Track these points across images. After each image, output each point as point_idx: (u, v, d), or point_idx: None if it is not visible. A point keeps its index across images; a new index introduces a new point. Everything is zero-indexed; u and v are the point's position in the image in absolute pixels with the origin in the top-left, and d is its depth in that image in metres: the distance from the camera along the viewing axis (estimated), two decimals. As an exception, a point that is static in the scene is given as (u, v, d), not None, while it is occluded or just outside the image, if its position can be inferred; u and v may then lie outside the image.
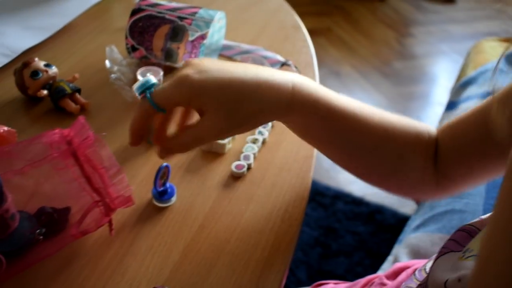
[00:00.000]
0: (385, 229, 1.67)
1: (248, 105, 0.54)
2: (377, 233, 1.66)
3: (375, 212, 1.72)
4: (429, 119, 2.11)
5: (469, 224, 0.56)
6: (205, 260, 0.58)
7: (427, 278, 0.55)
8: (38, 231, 0.55)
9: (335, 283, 0.84)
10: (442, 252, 0.55)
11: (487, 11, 2.97)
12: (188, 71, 0.53)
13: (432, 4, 3.02)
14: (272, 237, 0.61)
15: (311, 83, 0.58)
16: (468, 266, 0.49)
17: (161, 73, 0.68)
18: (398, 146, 0.61)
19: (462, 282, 0.48)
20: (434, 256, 0.67)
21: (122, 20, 1.00)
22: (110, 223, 0.58)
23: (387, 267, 1.02)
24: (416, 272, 0.68)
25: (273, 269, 0.58)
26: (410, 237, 1.02)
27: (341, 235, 1.64)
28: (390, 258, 1.05)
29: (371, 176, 0.66)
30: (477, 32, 2.76)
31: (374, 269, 1.59)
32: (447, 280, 0.50)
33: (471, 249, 0.51)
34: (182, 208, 0.64)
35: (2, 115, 0.78)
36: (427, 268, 0.66)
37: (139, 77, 0.67)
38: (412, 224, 1.07)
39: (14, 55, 0.88)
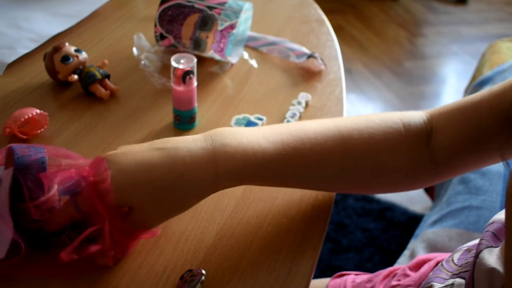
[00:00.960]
0: (395, 226, 1.68)
1: (171, 198, 0.52)
2: (387, 230, 1.66)
3: (385, 209, 1.73)
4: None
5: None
6: (238, 244, 0.59)
7: (473, 267, 0.55)
8: (66, 233, 0.54)
9: (356, 274, 0.85)
10: (485, 245, 0.55)
11: (498, 13, 2.98)
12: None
13: (443, 5, 3.02)
14: (304, 224, 0.62)
15: (235, 142, 0.54)
16: None
17: (195, 60, 0.69)
18: (366, 158, 0.59)
19: None
20: (462, 248, 0.68)
21: (147, 9, 1.01)
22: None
23: (403, 261, 1.03)
24: (444, 263, 0.68)
25: (305, 255, 0.58)
26: (427, 232, 1.02)
27: (351, 231, 1.65)
28: (406, 252, 1.05)
29: (352, 191, 0.66)
30: (488, 34, 2.77)
31: (384, 265, 1.59)
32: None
33: None
34: (214, 194, 0.64)
35: (31, 99, 0.79)
36: (455, 260, 0.66)
37: (173, 64, 0.68)
38: (428, 219, 1.08)
39: (42, 40, 0.89)
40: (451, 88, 2.38)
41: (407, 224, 1.67)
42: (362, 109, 2.18)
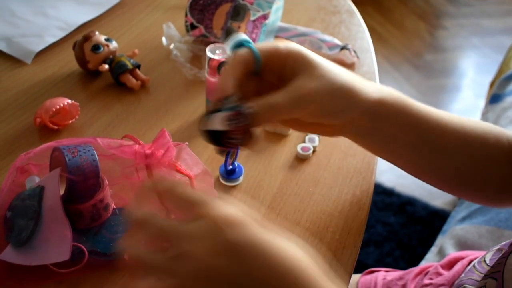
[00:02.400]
0: (415, 221, 1.66)
1: (338, 101, 0.51)
2: (408, 224, 1.65)
3: (406, 203, 1.71)
4: (459, 112, 2.08)
5: None
6: (277, 240, 0.57)
7: (503, 267, 0.54)
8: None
9: (386, 271, 0.83)
10: None
11: (519, 6, 2.93)
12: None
13: (464, -4, 2.97)
14: (342, 220, 0.60)
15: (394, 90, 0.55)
16: None
17: (231, 51, 0.67)
18: (477, 151, 0.56)
19: None
20: (494, 248, 0.66)
21: (175, -2, 1.00)
22: None
23: (430, 257, 1.01)
24: (476, 264, 0.67)
25: (345, 252, 0.57)
26: (456, 228, 1.01)
27: (371, 225, 1.63)
28: (434, 249, 1.04)
29: (449, 183, 0.60)
30: (508, 27, 2.72)
31: (404, 260, 1.59)
32: None
33: None
34: (250, 188, 0.63)
35: (61, 89, 0.78)
36: (487, 260, 0.65)
37: (209, 54, 0.67)
38: (457, 215, 1.06)
39: (70, 29, 0.88)
40: (471, 82, 2.35)
41: (427, 219, 1.65)
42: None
